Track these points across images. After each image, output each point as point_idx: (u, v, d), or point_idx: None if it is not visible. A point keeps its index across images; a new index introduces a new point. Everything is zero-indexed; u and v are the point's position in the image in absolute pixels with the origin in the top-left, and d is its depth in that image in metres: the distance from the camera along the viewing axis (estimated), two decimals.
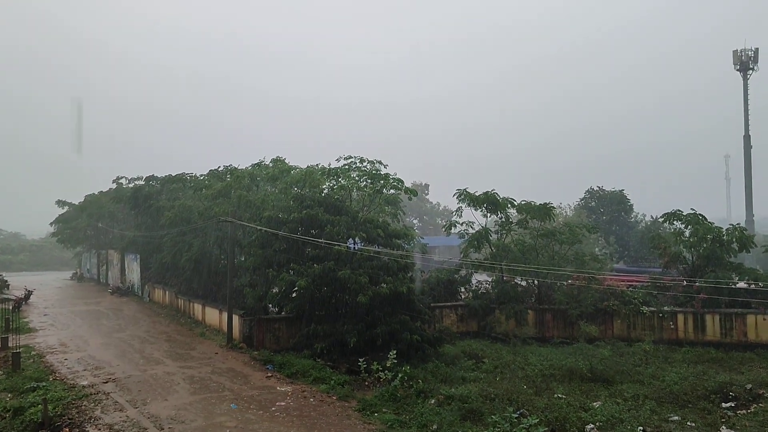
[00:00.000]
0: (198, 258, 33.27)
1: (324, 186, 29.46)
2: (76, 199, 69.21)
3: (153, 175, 48.55)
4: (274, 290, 26.30)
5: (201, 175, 41.15)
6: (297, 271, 24.42)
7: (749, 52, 77.26)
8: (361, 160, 29.69)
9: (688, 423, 16.39)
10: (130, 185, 55.55)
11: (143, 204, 44.25)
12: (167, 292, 39.89)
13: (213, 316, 30.95)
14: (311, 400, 18.32)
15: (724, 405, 18.20)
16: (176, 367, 22.61)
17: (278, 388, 19.66)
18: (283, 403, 17.86)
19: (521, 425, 13.98)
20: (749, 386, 19.66)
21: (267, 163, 37.18)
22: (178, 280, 37.59)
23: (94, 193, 65.06)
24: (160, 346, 26.96)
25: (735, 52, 77.62)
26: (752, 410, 17.77)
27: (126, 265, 51.80)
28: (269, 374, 21.46)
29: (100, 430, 15.44)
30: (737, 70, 77.59)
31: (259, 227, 26.34)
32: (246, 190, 32.83)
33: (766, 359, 24.34)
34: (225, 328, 27.34)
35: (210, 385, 19.91)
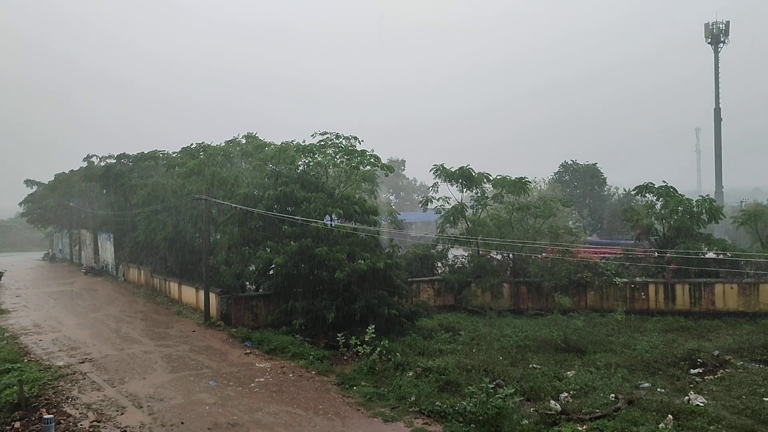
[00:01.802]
0: (173, 237, 32.92)
1: (300, 162, 29.22)
2: (46, 178, 67.71)
3: (124, 153, 47.44)
4: (251, 268, 26.19)
5: (173, 153, 40.42)
6: (274, 249, 24.33)
7: (720, 26, 77.81)
8: (337, 136, 29.50)
9: (658, 389, 16.90)
10: (101, 164, 54.35)
11: (115, 182, 43.29)
12: (142, 272, 39.49)
13: (189, 294, 30.78)
14: (290, 375, 18.43)
15: (692, 371, 18.79)
16: (153, 345, 22.51)
17: (257, 364, 19.73)
18: (262, 379, 17.95)
19: (497, 395, 14.24)
20: (716, 353, 20.32)
21: (240, 139, 36.73)
22: (153, 259, 37.20)
23: (64, 172, 63.51)
24: (137, 325, 26.79)
25: (706, 25, 78.06)
26: (719, 375, 18.39)
27: (99, 245, 51.03)
28: (248, 351, 21.50)
29: (77, 409, 15.38)
30: (708, 43, 78.25)
31: (234, 205, 26.11)
32: (219, 167, 32.42)
33: (733, 326, 25.13)
34: (202, 306, 27.22)
35: (188, 362, 19.88)
